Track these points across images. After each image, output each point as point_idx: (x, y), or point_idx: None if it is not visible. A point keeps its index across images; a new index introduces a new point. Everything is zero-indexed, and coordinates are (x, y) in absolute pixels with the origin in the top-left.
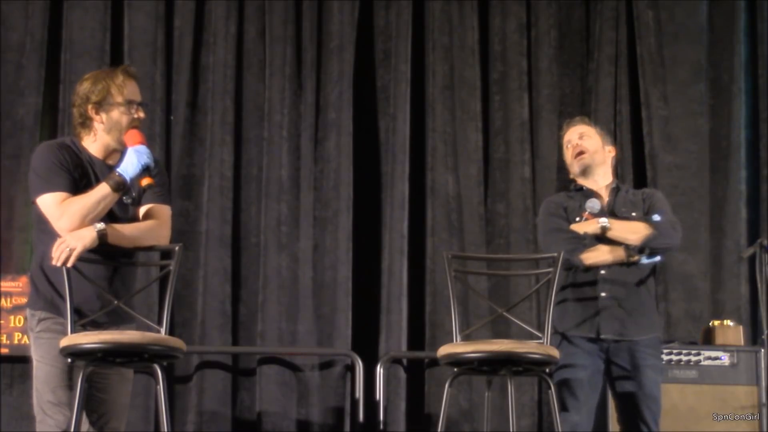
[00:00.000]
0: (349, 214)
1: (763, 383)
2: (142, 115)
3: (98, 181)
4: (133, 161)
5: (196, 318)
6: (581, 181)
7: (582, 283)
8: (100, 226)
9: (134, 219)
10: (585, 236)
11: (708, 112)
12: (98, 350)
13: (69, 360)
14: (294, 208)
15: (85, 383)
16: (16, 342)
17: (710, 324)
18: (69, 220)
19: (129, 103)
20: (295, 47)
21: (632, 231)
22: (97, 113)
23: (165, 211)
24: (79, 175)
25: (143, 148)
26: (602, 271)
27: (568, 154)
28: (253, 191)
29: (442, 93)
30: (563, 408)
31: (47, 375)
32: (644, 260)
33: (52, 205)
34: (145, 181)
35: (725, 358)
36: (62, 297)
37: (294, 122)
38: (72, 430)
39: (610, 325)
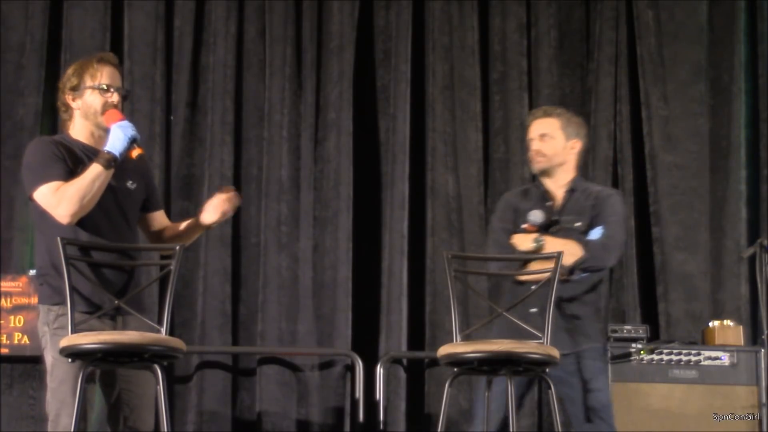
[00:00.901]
0: (349, 214)
1: (763, 383)
2: (115, 99)
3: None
4: (119, 136)
5: (196, 318)
6: (541, 178)
7: (515, 296)
8: None
9: (136, 209)
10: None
11: (708, 112)
12: (98, 350)
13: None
14: (294, 208)
15: (84, 383)
16: (16, 342)
17: (710, 324)
18: (67, 205)
19: (103, 87)
20: (295, 47)
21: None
22: (73, 99)
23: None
24: (74, 163)
25: (126, 123)
26: (533, 287)
27: (529, 153)
28: (253, 191)
29: (442, 93)
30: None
31: (65, 373)
32: (576, 277)
33: (48, 194)
34: (136, 152)
35: (725, 358)
36: (78, 290)
37: (294, 122)
38: (72, 430)
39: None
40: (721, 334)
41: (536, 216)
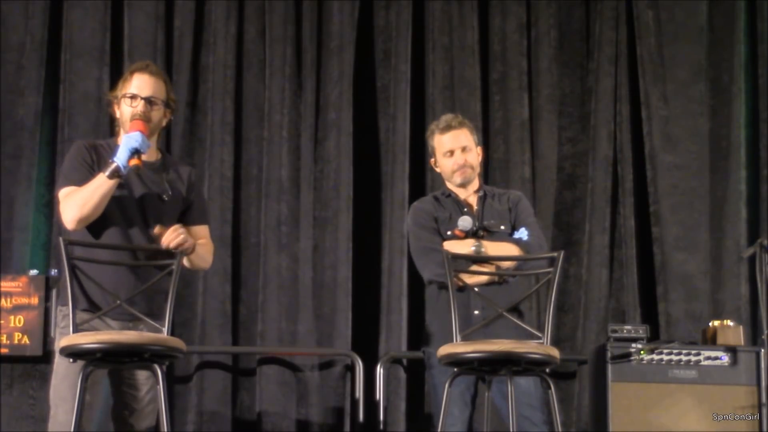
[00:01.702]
0: (349, 214)
1: (763, 383)
2: (139, 108)
3: (136, 178)
4: (124, 146)
5: (196, 318)
6: (452, 188)
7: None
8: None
9: (170, 220)
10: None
11: (708, 112)
12: (98, 350)
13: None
14: (294, 208)
15: (84, 383)
16: (16, 342)
17: (710, 324)
18: (70, 211)
19: (130, 96)
20: (295, 47)
21: (504, 254)
22: (116, 108)
23: (205, 231)
24: (98, 163)
25: (135, 134)
26: (475, 289)
27: (448, 164)
28: (253, 191)
29: (442, 93)
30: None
31: (66, 370)
32: (514, 279)
33: (61, 198)
34: (132, 162)
35: (725, 358)
36: (85, 291)
37: (294, 122)
38: (72, 430)
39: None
40: (721, 334)
41: (466, 222)
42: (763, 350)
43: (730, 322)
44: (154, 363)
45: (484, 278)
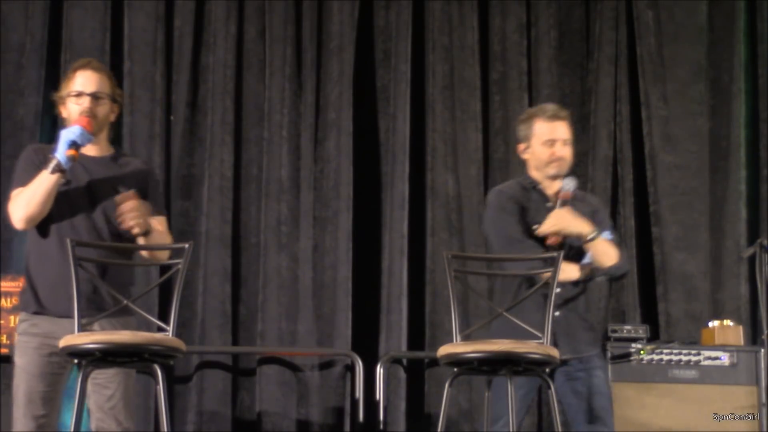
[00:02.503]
0: (349, 214)
1: (763, 383)
2: (85, 104)
3: (88, 173)
4: (62, 141)
5: (196, 318)
6: (538, 178)
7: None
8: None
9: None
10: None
11: (708, 112)
12: (97, 350)
13: (49, 365)
14: (294, 208)
15: (85, 383)
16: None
17: (710, 324)
18: (16, 211)
19: (76, 94)
20: (295, 47)
21: (607, 254)
22: (63, 108)
23: (163, 221)
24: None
25: (74, 127)
26: (558, 289)
27: (545, 152)
28: (253, 191)
29: (442, 93)
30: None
31: (19, 379)
32: (599, 278)
33: (10, 201)
34: (70, 152)
35: (725, 358)
36: (38, 297)
37: (294, 122)
38: (72, 430)
39: (567, 344)
40: (721, 334)
41: (570, 183)
42: (763, 350)
43: (730, 322)
44: (154, 363)
45: (576, 276)
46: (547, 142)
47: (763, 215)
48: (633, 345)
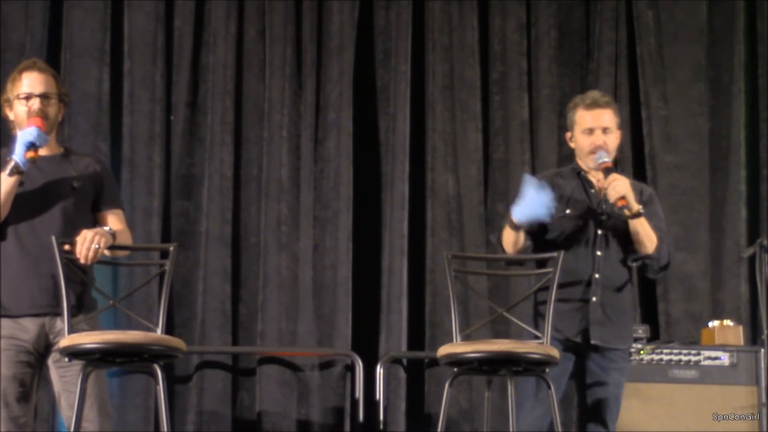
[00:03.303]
0: (349, 214)
1: (763, 383)
2: (35, 106)
3: (40, 171)
4: (19, 142)
5: (196, 318)
6: (583, 167)
7: (570, 283)
8: (109, 229)
9: (83, 211)
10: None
11: (708, 112)
12: (97, 350)
13: (19, 364)
14: (294, 208)
15: (85, 383)
16: None
17: (710, 324)
18: None
19: (25, 96)
20: (295, 47)
21: (649, 239)
22: (10, 111)
23: (120, 214)
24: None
25: (30, 129)
26: (596, 275)
27: (585, 142)
28: (253, 191)
29: (442, 93)
30: (520, 407)
31: (5, 390)
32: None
33: None
34: (29, 154)
35: (725, 358)
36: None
37: (294, 122)
38: (72, 430)
39: (598, 331)
40: (721, 334)
41: (603, 154)
42: (763, 350)
43: (730, 322)
44: (154, 363)
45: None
46: (585, 131)
47: (763, 215)
48: (633, 345)
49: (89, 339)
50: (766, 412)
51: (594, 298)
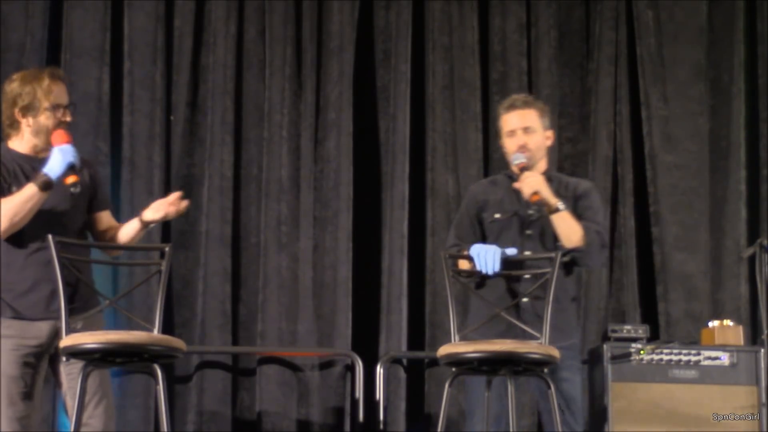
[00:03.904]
0: (349, 214)
1: (763, 383)
2: (68, 118)
3: (27, 177)
4: (59, 160)
5: (196, 318)
6: (514, 170)
7: (495, 286)
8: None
9: (79, 213)
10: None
11: (708, 112)
12: (98, 350)
13: (25, 365)
14: (294, 208)
15: (85, 383)
16: None
17: (710, 324)
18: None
19: (55, 107)
20: (295, 47)
21: (573, 232)
22: (24, 116)
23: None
24: (8, 174)
25: (68, 148)
26: (526, 275)
27: (509, 145)
28: (253, 191)
29: (442, 93)
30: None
31: (8, 389)
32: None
33: None
34: (70, 179)
35: (725, 358)
36: (12, 303)
37: (294, 122)
38: (72, 429)
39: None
40: (721, 334)
41: (519, 156)
42: (763, 350)
43: (729, 322)
44: (154, 363)
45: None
46: (508, 134)
47: (763, 215)
48: (633, 345)
49: (89, 339)
50: (766, 412)
51: (525, 300)
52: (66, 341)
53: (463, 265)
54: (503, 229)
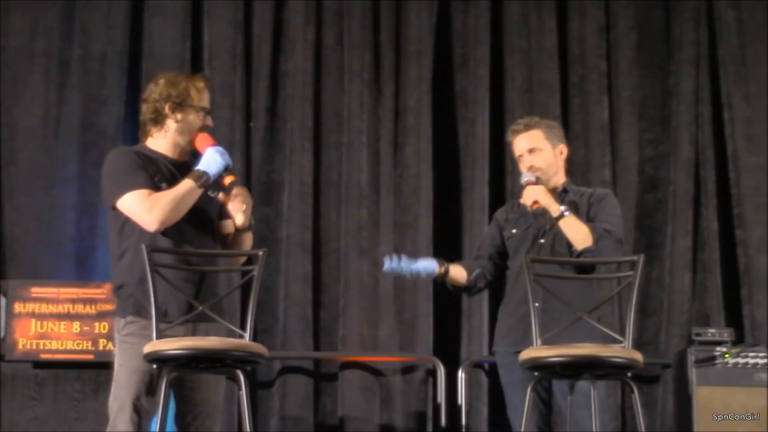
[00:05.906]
0: (429, 218)
1: None
2: (210, 123)
3: (174, 177)
4: (216, 159)
5: (278, 323)
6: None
7: (512, 294)
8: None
9: (218, 217)
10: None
11: None
12: (182, 356)
13: (154, 366)
14: (374, 213)
15: (169, 389)
16: (101, 348)
17: None
18: (160, 212)
19: (203, 109)
20: (373, 53)
21: (581, 234)
22: (173, 112)
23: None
24: (153, 173)
25: (222, 149)
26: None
27: (521, 167)
28: (333, 197)
29: (521, 97)
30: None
31: (128, 380)
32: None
33: (138, 201)
34: (228, 179)
35: None
36: (149, 301)
37: (373, 127)
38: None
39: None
40: None
41: (526, 175)
42: None
43: None
44: (237, 368)
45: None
46: (518, 158)
47: None
48: (717, 348)
49: (173, 345)
50: None
51: (537, 304)
52: (149, 347)
53: (456, 277)
54: (520, 243)
